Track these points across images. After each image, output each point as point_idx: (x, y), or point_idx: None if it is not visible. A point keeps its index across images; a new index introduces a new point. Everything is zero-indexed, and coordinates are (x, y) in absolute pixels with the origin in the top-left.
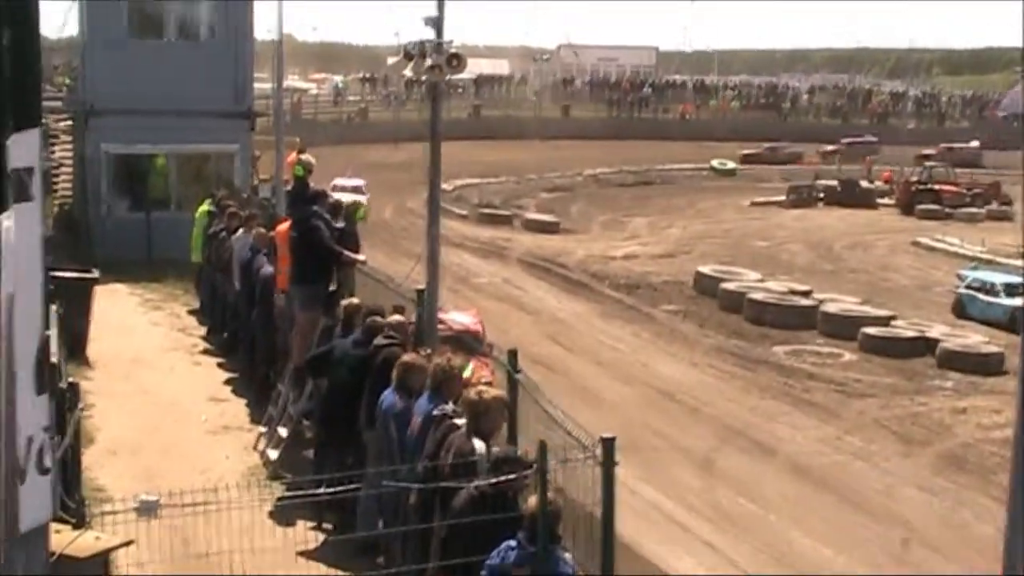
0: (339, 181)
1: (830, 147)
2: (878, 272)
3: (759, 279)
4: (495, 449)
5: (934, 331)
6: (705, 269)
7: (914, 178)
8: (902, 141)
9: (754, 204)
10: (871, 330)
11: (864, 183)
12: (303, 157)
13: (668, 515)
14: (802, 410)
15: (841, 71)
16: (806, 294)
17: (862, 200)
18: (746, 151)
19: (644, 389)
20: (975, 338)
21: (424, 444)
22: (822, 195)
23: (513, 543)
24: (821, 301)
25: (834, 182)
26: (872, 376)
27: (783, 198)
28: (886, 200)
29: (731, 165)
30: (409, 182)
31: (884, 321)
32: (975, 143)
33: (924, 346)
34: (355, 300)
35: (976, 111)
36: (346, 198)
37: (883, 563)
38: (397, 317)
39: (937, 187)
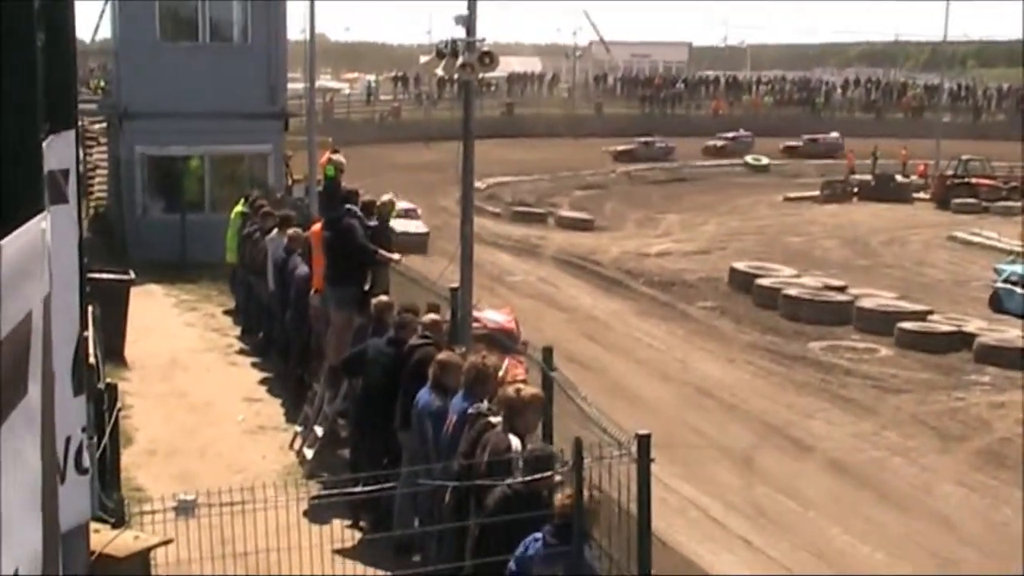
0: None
1: (790, 142)
2: (914, 267)
3: (794, 275)
4: (530, 447)
5: (971, 326)
6: (740, 265)
7: (949, 172)
8: (935, 136)
9: (788, 200)
10: (907, 325)
11: (899, 177)
12: (334, 157)
13: (706, 513)
14: (839, 406)
15: (876, 65)
16: (841, 290)
17: (897, 195)
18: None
19: (680, 386)
20: (1012, 332)
21: (459, 442)
22: (856, 190)
23: (539, 534)
24: (857, 296)
25: (868, 177)
26: (909, 371)
27: (817, 194)
28: (921, 195)
29: (764, 161)
30: (442, 181)
31: (920, 316)
32: (835, 134)
33: (961, 341)
34: (387, 298)
35: (1014, 104)
36: (398, 224)
37: (922, 560)
38: (431, 316)
39: (973, 181)
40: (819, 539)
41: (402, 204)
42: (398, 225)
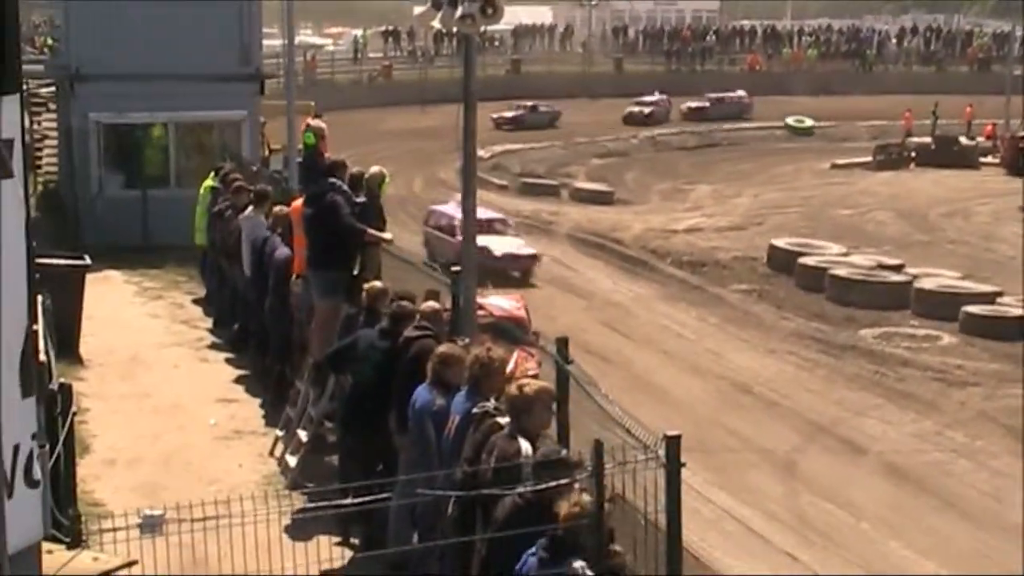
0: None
1: (693, 103)
2: (981, 242)
3: (843, 253)
4: (542, 450)
5: None
6: (780, 243)
7: (1021, 133)
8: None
9: (836, 167)
10: (973, 309)
11: (963, 140)
12: (312, 123)
13: (744, 524)
14: (895, 402)
15: (936, 11)
16: (897, 269)
17: (961, 160)
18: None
19: (714, 381)
20: None
21: (462, 446)
22: (914, 155)
23: (533, 549)
24: (915, 277)
25: (928, 140)
26: (975, 362)
27: (869, 159)
28: (989, 159)
29: (808, 123)
30: (440, 150)
31: (988, 298)
32: (741, 92)
33: None
34: (379, 284)
35: None
36: (494, 243)
37: None
38: (430, 303)
39: None
40: (874, 554)
41: (487, 214)
42: (495, 245)
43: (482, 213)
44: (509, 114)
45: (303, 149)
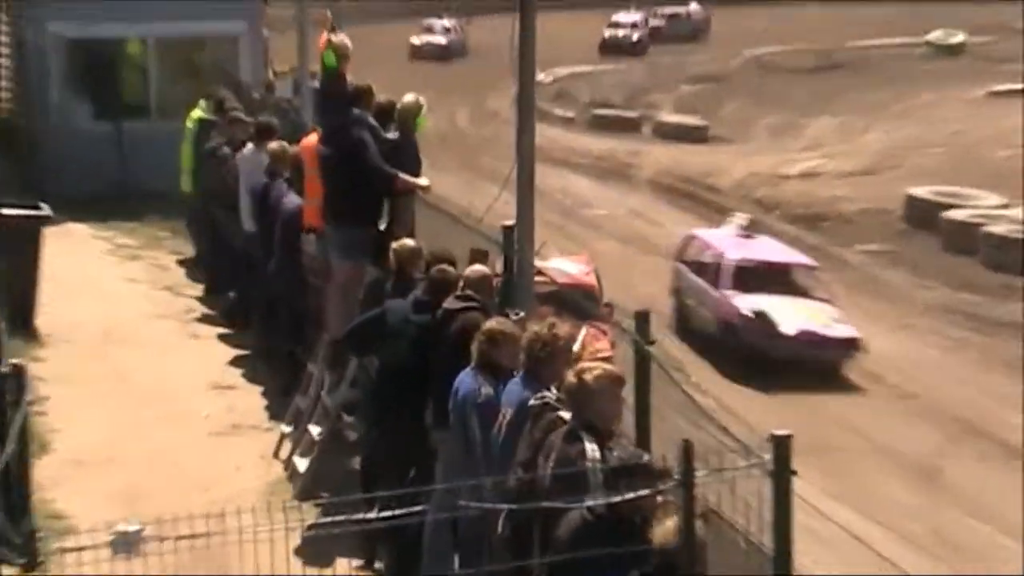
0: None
1: (634, 15)
2: None
3: (1000, 205)
4: (614, 453)
5: None
6: (920, 192)
7: None
8: None
9: (992, 95)
10: None
11: None
12: (335, 40)
13: (871, 547)
14: None
15: None
16: None
17: None
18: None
19: (855, 371)
20: None
21: (516, 447)
22: None
23: None
24: None
25: None
26: None
27: None
28: None
29: (959, 38)
30: (489, 74)
31: None
32: (695, 5)
33: None
34: (412, 243)
35: None
36: (785, 309)
37: None
38: (476, 268)
39: None
40: None
41: (782, 254)
42: (787, 313)
43: (771, 250)
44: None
45: (322, 72)
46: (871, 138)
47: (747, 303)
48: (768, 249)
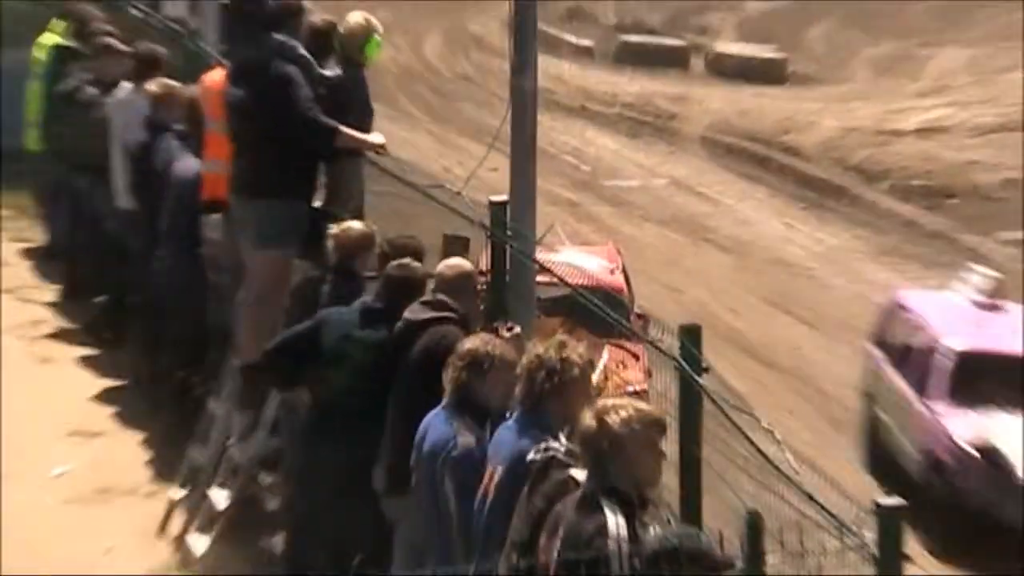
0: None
1: None
2: None
3: None
4: (651, 530)
5: None
6: None
7: None
8: None
9: None
10: None
11: None
12: None
13: None
14: None
15: None
16: None
17: None
18: None
19: None
20: None
21: (510, 518)
22: None
23: None
24: None
25: None
26: None
27: None
28: None
29: None
30: None
31: None
32: None
33: None
34: (361, 225)
35: None
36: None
37: None
38: (453, 262)
39: None
40: None
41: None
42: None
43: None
44: None
45: None
46: (1017, 78)
47: (969, 427)
48: (1014, 329)
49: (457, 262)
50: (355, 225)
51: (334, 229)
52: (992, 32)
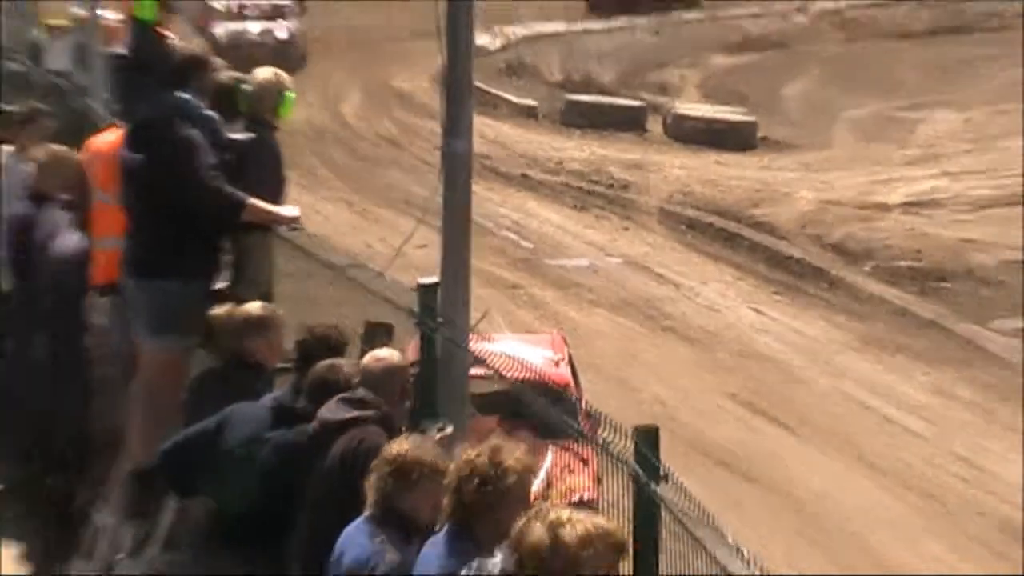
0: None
1: None
2: None
3: None
4: None
5: None
6: None
7: None
8: None
9: None
10: None
11: None
12: None
13: None
14: None
15: None
16: None
17: None
18: None
19: (970, 520)
20: None
21: None
22: None
23: None
24: None
25: None
26: None
27: None
28: None
29: None
30: (398, 32)
31: None
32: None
33: None
34: (268, 309)
35: None
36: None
37: None
38: (380, 354)
39: None
40: None
41: None
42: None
43: None
44: None
45: (134, 28)
46: (1018, 144)
47: None
48: None
49: (385, 354)
50: (251, 307)
51: (219, 311)
52: (989, 93)
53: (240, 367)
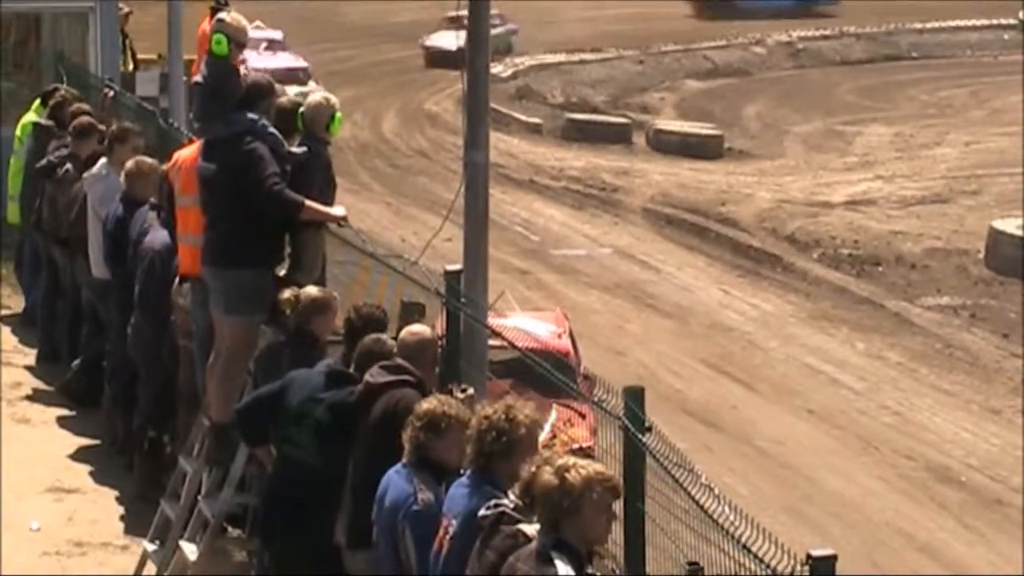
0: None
1: None
2: None
3: None
4: None
5: None
6: (1007, 226)
7: None
8: None
9: None
10: None
11: None
12: (224, 18)
13: None
14: None
15: None
16: None
17: None
18: None
19: (897, 464)
20: None
21: (463, 569)
22: None
23: None
24: None
25: None
26: None
27: None
28: None
29: None
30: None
31: None
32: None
33: None
34: (322, 292)
35: None
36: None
37: None
38: (415, 329)
39: None
40: None
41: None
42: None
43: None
44: None
45: (208, 61)
46: (942, 153)
47: None
48: None
49: (419, 329)
50: (310, 290)
51: (286, 294)
52: (915, 110)
53: (300, 340)
